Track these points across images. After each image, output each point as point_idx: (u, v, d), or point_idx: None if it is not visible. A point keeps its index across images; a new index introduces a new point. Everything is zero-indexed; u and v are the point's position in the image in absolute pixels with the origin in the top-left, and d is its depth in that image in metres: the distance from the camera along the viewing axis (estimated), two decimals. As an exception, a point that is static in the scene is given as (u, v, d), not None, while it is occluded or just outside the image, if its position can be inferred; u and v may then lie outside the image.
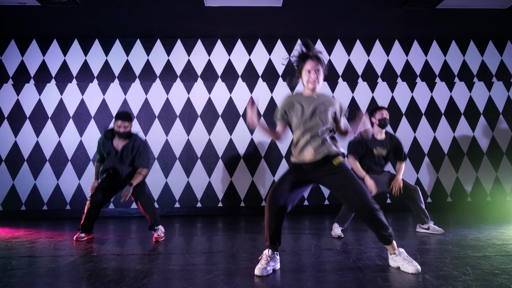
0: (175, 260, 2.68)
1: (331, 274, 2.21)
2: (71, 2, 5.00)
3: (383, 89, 6.30)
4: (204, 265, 2.51)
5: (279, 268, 2.35)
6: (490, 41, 6.52)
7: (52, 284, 2.10)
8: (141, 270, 2.37)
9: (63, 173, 5.87)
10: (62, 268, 2.47)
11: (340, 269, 2.32)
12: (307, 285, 1.97)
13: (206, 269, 2.38)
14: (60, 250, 3.14)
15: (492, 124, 6.27)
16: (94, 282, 2.10)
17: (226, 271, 2.33)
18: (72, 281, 2.14)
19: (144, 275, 2.25)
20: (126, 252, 3.02)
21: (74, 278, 2.21)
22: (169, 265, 2.51)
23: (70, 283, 2.09)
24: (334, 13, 5.46)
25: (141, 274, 2.27)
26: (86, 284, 2.06)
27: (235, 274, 2.24)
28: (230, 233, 3.99)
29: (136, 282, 2.08)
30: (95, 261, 2.68)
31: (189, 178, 5.96)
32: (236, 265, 2.48)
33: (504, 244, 3.05)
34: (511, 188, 6.16)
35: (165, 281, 2.13)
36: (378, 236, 2.39)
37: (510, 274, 2.19)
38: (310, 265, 2.46)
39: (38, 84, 6.02)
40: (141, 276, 2.21)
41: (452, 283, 2.03)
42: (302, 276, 2.16)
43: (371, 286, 1.96)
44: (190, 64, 6.24)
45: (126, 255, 2.90)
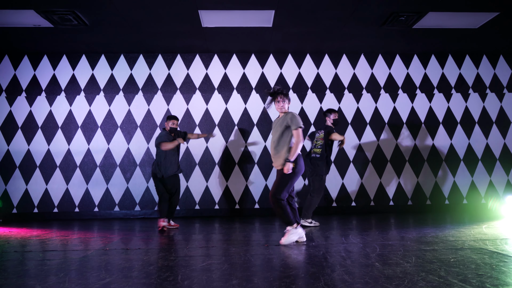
0: (175, 252, 3.19)
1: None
2: (81, 24, 5.54)
3: (367, 100, 6.83)
4: (201, 256, 3.03)
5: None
6: (467, 55, 7.05)
7: (79, 270, 2.61)
8: (147, 261, 2.88)
9: (72, 178, 6.39)
10: (83, 259, 2.98)
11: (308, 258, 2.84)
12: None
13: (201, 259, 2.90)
14: (76, 245, 3.66)
15: (468, 133, 6.79)
16: (111, 270, 2.62)
17: (219, 259, 2.84)
18: (94, 268, 2.65)
19: (151, 264, 2.77)
20: (133, 247, 3.53)
21: (94, 266, 2.72)
22: (171, 257, 3.02)
23: (95, 270, 2.60)
24: (320, 32, 5.98)
25: (147, 264, 2.78)
26: (105, 270, 2.57)
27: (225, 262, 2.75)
28: (223, 231, 4.50)
29: (144, 269, 2.59)
30: (108, 254, 3.20)
31: (188, 183, 6.47)
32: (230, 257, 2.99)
33: (455, 241, 3.57)
34: (486, 192, 6.67)
35: (167, 268, 2.64)
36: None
37: (444, 262, 2.70)
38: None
39: (49, 96, 6.56)
40: (148, 265, 2.72)
41: (394, 268, 2.54)
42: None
43: (329, 271, 2.47)
44: (189, 77, 6.77)
45: (133, 249, 3.41)
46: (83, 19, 5.37)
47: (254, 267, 2.67)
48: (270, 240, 3.87)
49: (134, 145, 6.53)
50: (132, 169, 6.47)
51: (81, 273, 2.57)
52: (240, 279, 2.36)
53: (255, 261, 2.87)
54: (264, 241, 3.79)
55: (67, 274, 2.53)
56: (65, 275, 2.52)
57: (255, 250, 3.30)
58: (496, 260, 2.76)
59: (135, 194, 6.41)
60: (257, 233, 4.41)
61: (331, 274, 2.43)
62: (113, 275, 2.49)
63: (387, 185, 6.60)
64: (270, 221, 5.52)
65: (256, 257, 3.03)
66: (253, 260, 2.91)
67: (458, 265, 2.61)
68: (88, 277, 2.45)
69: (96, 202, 6.37)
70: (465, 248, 3.22)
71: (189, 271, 2.58)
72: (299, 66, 6.89)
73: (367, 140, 6.71)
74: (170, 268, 2.67)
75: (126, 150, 6.51)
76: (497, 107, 6.89)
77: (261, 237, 4.07)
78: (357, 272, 2.47)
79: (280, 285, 2.22)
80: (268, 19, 5.53)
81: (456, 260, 2.77)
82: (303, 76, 6.84)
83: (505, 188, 6.66)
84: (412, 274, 2.41)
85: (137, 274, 2.51)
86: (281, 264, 2.77)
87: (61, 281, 2.36)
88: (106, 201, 6.39)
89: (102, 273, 2.55)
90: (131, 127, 6.58)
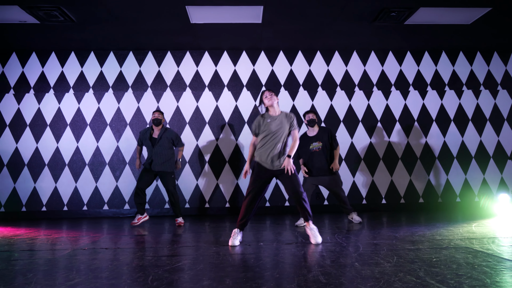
0: (154, 252, 3.12)
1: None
2: (68, 20, 5.47)
3: (360, 98, 6.75)
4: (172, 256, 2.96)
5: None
6: (461, 51, 6.97)
7: (50, 270, 2.54)
8: (123, 260, 2.82)
9: (60, 176, 6.33)
10: (57, 259, 2.91)
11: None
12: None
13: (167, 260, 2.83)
14: (56, 245, 3.59)
15: (461, 130, 6.71)
16: (83, 270, 2.55)
17: (190, 257, 2.78)
18: (66, 269, 2.59)
19: (126, 264, 2.70)
20: (112, 246, 3.47)
21: (66, 266, 2.65)
22: (148, 256, 2.96)
23: (67, 270, 2.53)
24: (311, 28, 5.90)
25: (122, 263, 2.71)
26: (76, 271, 2.51)
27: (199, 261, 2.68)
28: (209, 230, 4.44)
29: (117, 269, 2.52)
30: (85, 254, 3.13)
31: (178, 181, 6.40)
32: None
33: (441, 239, 3.50)
34: (479, 190, 6.59)
35: (140, 268, 2.57)
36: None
37: (425, 261, 2.63)
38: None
39: (37, 94, 6.49)
40: (122, 265, 2.66)
41: (372, 268, 2.47)
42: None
43: (306, 271, 2.40)
44: (179, 74, 6.69)
45: (112, 248, 3.35)
46: (69, 15, 5.30)
47: (230, 267, 2.60)
48: (255, 239, 3.80)
49: (123, 143, 6.46)
50: (121, 167, 6.40)
51: (51, 273, 2.51)
52: (212, 280, 2.29)
53: (232, 261, 2.80)
54: (248, 241, 3.72)
55: (36, 275, 2.46)
56: (34, 275, 2.45)
57: (235, 250, 3.24)
58: (479, 259, 2.69)
59: (124, 192, 6.34)
60: (245, 232, 4.35)
61: (306, 275, 2.36)
62: (83, 276, 2.42)
63: (379, 183, 6.53)
64: (260, 220, 5.45)
65: (235, 256, 2.97)
66: (231, 260, 2.85)
67: (439, 265, 2.54)
68: (56, 277, 2.38)
69: (85, 201, 6.31)
70: (450, 247, 3.15)
71: (162, 272, 2.51)
72: (291, 63, 6.81)
73: (359, 138, 6.63)
74: (144, 268, 2.61)
75: (115, 148, 6.44)
76: (491, 104, 6.81)
77: (246, 236, 4.00)
78: (334, 273, 2.40)
79: (251, 286, 2.15)
80: (257, 15, 5.45)
81: (438, 259, 2.70)
82: (294, 73, 6.77)
83: (499, 186, 6.58)
84: (390, 274, 2.34)
85: (107, 275, 2.44)
86: (258, 264, 2.70)
87: (27, 282, 2.30)
88: (95, 199, 6.32)
89: (73, 274, 2.48)
90: (121, 125, 6.51)
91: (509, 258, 2.72)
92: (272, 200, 6.41)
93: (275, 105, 3.86)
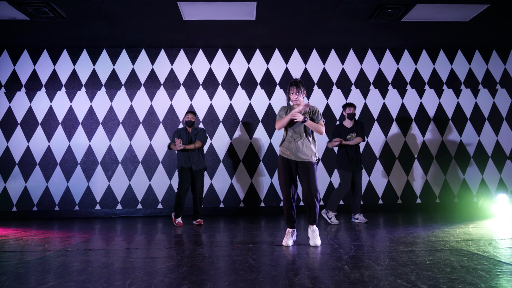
0: (139, 253, 3.01)
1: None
2: (58, 17, 5.37)
3: (357, 97, 6.64)
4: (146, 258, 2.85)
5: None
6: (459, 50, 6.85)
7: (25, 273, 2.44)
8: (104, 263, 2.71)
9: (52, 176, 6.22)
10: (37, 261, 2.81)
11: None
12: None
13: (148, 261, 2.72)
14: (38, 246, 3.49)
15: (459, 129, 6.60)
16: (60, 272, 2.45)
17: (166, 256, 2.67)
18: (43, 271, 2.48)
19: (107, 266, 2.60)
20: (97, 247, 3.36)
21: (44, 269, 2.55)
22: (131, 258, 2.85)
23: (43, 273, 2.43)
24: (306, 25, 5.80)
25: (103, 266, 2.61)
26: (53, 273, 2.40)
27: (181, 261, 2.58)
28: (206, 231, 4.33)
29: (96, 271, 2.42)
30: (67, 255, 3.03)
31: (171, 181, 6.30)
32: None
33: (436, 241, 3.39)
34: (477, 190, 6.48)
35: (121, 271, 2.47)
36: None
37: (418, 264, 2.53)
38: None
39: (29, 92, 6.39)
40: (103, 267, 2.55)
41: (362, 271, 2.36)
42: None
43: (292, 274, 2.30)
44: (173, 72, 6.59)
45: (96, 250, 3.24)
46: (59, 11, 5.20)
47: (214, 270, 2.50)
48: (246, 240, 3.69)
49: (116, 142, 6.36)
50: (114, 166, 6.30)
51: (25, 276, 2.40)
52: (193, 283, 2.19)
53: (218, 263, 2.69)
54: (238, 242, 3.61)
55: (9, 278, 2.36)
56: (7, 278, 2.35)
57: (222, 251, 3.13)
58: (474, 262, 2.58)
59: (116, 192, 6.24)
60: (240, 232, 4.24)
61: (292, 279, 2.25)
62: (59, 279, 2.32)
63: (376, 184, 6.42)
64: (254, 220, 5.34)
65: (221, 258, 2.86)
66: (217, 262, 2.74)
67: (432, 268, 2.43)
68: (30, 281, 2.28)
69: (77, 201, 6.21)
70: (445, 249, 3.04)
71: (143, 274, 2.40)
72: (286, 61, 6.70)
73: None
74: (125, 271, 2.50)
75: (108, 147, 6.34)
76: (489, 103, 6.70)
77: (237, 237, 3.89)
78: (322, 276, 2.30)
79: (234, 290, 2.05)
80: (251, 12, 5.35)
81: (432, 262, 2.60)
82: (290, 72, 6.66)
83: (497, 186, 6.47)
84: (380, 278, 2.23)
85: (85, 278, 2.34)
86: (244, 266, 2.59)
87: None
88: (87, 199, 6.22)
89: (48, 277, 2.37)
90: (113, 123, 6.41)
91: (505, 261, 2.61)
92: (266, 201, 6.30)
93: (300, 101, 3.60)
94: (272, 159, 6.37)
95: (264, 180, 6.34)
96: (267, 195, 6.31)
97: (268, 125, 6.48)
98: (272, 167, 6.36)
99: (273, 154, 6.38)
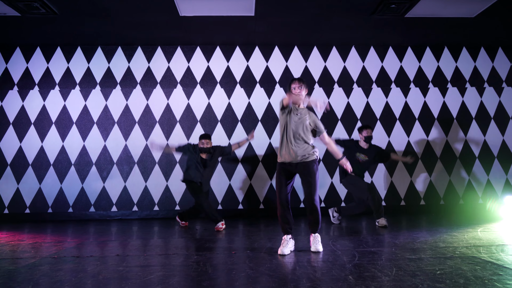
0: (130, 261, 2.83)
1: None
2: (50, 13, 5.18)
3: (359, 95, 6.45)
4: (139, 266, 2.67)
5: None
6: (464, 47, 6.66)
7: (2, 285, 2.26)
8: (90, 272, 2.53)
9: (45, 177, 6.04)
10: (19, 270, 2.63)
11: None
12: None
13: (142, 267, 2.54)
14: (25, 252, 3.31)
15: (465, 129, 6.41)
16: (40, 283, 2.27)
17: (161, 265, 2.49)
18: (22, 282, 2.30)
19: (92, 276, 2.42)
20: (86, 254, 3.18)
21: (24, 279, 2.37)
22: (120, 267, 2.67)
23: (20, 284, 2.25)
24: (306, 22, 5.61)
25: (88, 275, 2.43)
26: (32, 284, 2.23)
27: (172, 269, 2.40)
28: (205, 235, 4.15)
29: (78, 281, 2.24)
30: (52, 263, 2.85)
31: (168, 182, 6.12)
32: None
33: (445, 247, 3.20)
34: (483, 192, 6.29)
35: (105, 281, 2.29)
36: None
37: (428, 275, 2.34)
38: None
39: (21, 90, 6.20)
40: (88, 277, 2.38)
41: (368, 283, 2.18)
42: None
43: (292, 286, 2.12)
44: (170, 71, 6.40)
45: (85, 257, 3.06)
46: (51, 7, 5.01)
47: (207, 281, 2.31)
48: (244, 246, 3.51)
49: (111, 142, 6.17)
50: (108, 167, 6.11)
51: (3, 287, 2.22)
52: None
53: (212, 273, 2.51)
54: (236, 248, 3.43)
55: (-14, 290, 2.18)
56: (-17, 291, 2.17)
57: (218, 259, 2.95)
58: (489, 272, 2.40)
59: (111, 194, 6.06)
60: (238, 236, 4.06)
61: (292, 291, 2.07)
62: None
63: (379, 185, 6.23)
64: (253, 223, 5.16)
65: (216, 267, 2.67)
66: (211, 271, 2.55)
67: (444, 279, 2.25)
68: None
69: (71, 203, 6.02)
70: (455, 256, 2.85)
71: (130, 285, 2.22)
72: (286, 59, 6.51)
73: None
74: (108, 281, 2.32)
75: (102, 147, 6.15)
76: (495, 102, 6.51)
77: (235, 242, 3.71)
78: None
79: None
80: (250, 7, 5.16)
81: (443, 272, 2.41)
82: (290, 70, 6.47)
83: (504, 187, 6.28)
84: (388, 291, 2.05)
85: (67, 290, 2.16)
86: (240, 276, 2.41)
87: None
88: (81, 201, 6.03)
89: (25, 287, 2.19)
90: (108, 123, 6.22)
91: (521, 270, 2.43)
92: (266, 203, 6.11)
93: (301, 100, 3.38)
94: (271, 159, 6.18)
95: (264, 181, 6.16)
96: (266, 197, 6.13)
97: (268, 125, 6.29)
98: (272, 167, 6.17)
99: (273, 154, 6.19)
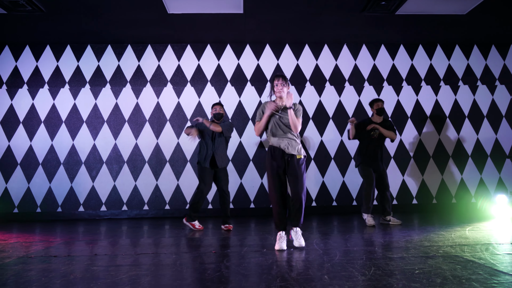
0: (104, 260, 2.78)
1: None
2: (36, 10, 5.13)
3: (350, 93, 6.40)
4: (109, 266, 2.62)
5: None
6: (457, 45, 6.60)
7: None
8: (62, 272, 2.48)
9: (34, 176, 5.99)
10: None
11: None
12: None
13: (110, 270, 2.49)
14: (3, 252, 3.26)
15: (457, 127, 6.35)
16: (8, 284, 2.22)
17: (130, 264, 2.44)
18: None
19: (63, 276, 2.37)
20: (62, 254, 3.13)
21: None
22: (94, 266, 2.62)
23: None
24: (296, 19, 5.56)
25: (59, 275, 2.38)
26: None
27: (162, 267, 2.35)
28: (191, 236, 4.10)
29: (47, 282, 2.19)
30: (26, 263, 2.80)
31: (157, 181, 6.07)
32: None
33: (429, 246, 3.14)
34: (476, 190, 6.24)
35: (75, 282, 2.24)
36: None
37: (406, 274, 2.28)
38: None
39: (10, 89, 6.15)
40: (58, 277, 2.33)
41: (343, 283, 2.12)
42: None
43: (264, 286, 2.06)
44: (160, 69, 6.35)
45: (61, 257, 3.01)
46: (37, 4, 4.96)
47: (178, 281, 2.26)
48: (231, 244, 3.46)
49: (100, 141, 6.12)
50: (98, 166, 6.06)
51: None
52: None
53: (186, 272, 2.45)
54: (216, 246, 3.37)
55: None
56: None
57: (196, 258, 2.89)
58: (469, 271, 2.34)
59: (101, 193, 6.01)
60: (226, 235, 4.00)
61: (263, 291, 2.02)
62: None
63: (370, 184, 6.16)
64: (243, 223, 5.11)
65: (191, 267, 2.62)
66: (185, 270, 2.50)
67: (421, 279, 2.19)
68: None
69: (60, 202, 5.97)
70: (437, 256, 2.80)
71: (98, 285, 2.16)
72: (278, 57, 6.46)
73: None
74: (78, 281, 2.27)
75: (92, 146, 6.10)
76: (488, 100, 6.45)
77: (219, 241, 3.65)
78: (297, 288, 2.06)
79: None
80: (238, 4, 5.11)
81: (422, 271, 2.36)
82: (282, 68, 6.41)
83: (496, 186, 6.22)
84: (361, 291, 1.99)
85: (34, 290, 2.10)
86: (213, 276, 2.35)
87: None
88: (70, 201, 5.98)
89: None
90: (98, 122, 6.17)
91: (503, 269, 2.37)
92: (256, 202, 6.06)
93: (284, 96, 3.45)
94: (262, 159, 6.13)
95: (255, 181, 6.10)
96: (257, 196, 6.07)
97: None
98: (263, 167, 6.12)
99: (264, 153, 6.14)
